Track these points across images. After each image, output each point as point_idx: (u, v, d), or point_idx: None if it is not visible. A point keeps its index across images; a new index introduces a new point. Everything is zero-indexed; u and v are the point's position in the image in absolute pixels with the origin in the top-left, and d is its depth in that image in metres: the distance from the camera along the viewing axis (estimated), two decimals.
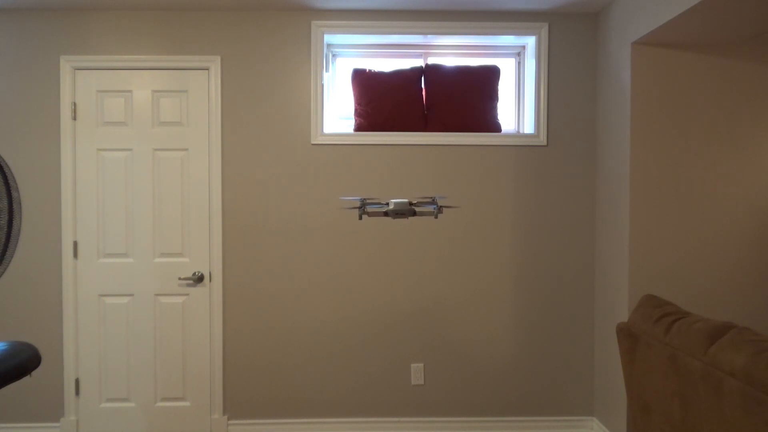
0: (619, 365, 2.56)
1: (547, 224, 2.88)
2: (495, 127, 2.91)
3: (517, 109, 3.05)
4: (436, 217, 1.64)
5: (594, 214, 2.89)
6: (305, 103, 2.82)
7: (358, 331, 2.85)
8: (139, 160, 2.81)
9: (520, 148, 2.86)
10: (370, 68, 2.90)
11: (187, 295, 2.82)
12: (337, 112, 3.05)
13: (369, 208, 1.68)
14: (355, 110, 2.92)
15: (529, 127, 2.95)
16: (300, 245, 2.84)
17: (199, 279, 2.80)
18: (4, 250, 2.67)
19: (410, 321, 2.85)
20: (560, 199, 2.87)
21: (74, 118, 2.78)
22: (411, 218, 1.71)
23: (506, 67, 3.03)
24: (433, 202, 1.69)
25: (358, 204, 1.66)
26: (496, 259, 2.86)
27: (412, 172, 2.85)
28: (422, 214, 1.68)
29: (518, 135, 2.91)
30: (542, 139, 2.86)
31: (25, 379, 2.76)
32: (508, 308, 2.86)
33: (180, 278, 2.80)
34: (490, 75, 2.90)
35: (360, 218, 1.75)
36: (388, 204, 1.65)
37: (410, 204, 1.63)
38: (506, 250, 2.85)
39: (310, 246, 2.84)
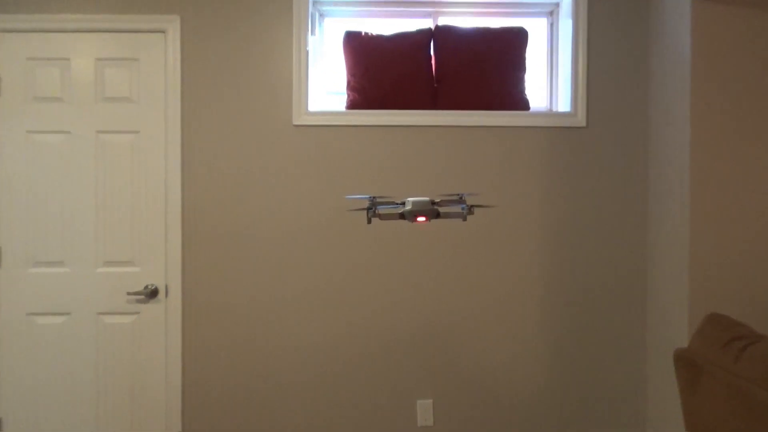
0: (678, 400, 2.56)
1: (585, 223, 2.89)
2: (521, 104, 2.92)
3: (549, 82, 3.05)
4: (464, 219, 1.62)
5: (646, 212, 2.90)
6: (285, 75, 2.82)
7: (350, 357, 2.86)
8: (78, 145, 2.81)
9: (553, 130, 2.87)
10: (367, 31, 2.90)
11: (138, 313, 2.83)
12: (326, 86, 3.05)
13: (380, 210, 1.65)
14: (348, 83, 2.91)
15: (564, 104, 2.95)
16: (279, 251, 2.84)
17: (152, 293, 2.81)
18: None
19: (415, 344, 2.86)
20: (603, 193, 2.88)
21: None
22: (434, 220, 1.70)
23: (536, 28, 3.03)
24: (460, 200, 1.67)
25: (366, 204, 1.60)
26: (521, 267, 2.87)
27: (419, 159, 2.86)
28: (448, 216, 1.65)
29: (550, 114, 2.92)
30: (580, 119, 2.87)
31: None
32: (537, 328, 2.88)
33: (129, 293, 2.81)
34: (516, 39, 2.91)
35: (369, 222, 1.65)
36: (403, 203, 1.62)
37: (432, 203, 1.60)
38: (534, 256, 2.87)
39: (292, 251, 2.84)
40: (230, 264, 2.84)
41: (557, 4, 2.99)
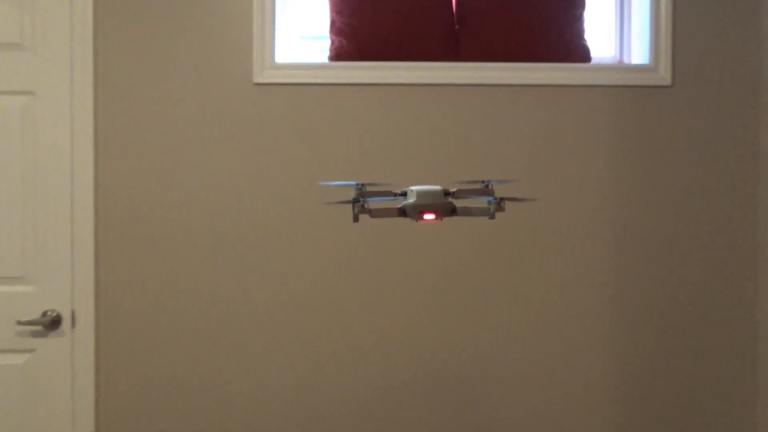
0: None
1: (670, 219, 2.73)
2: (578, 54, 2.76)
3: (618, 23, 2.89)
4: (492, 217, 1.58)
5: (755, 203, 2.74)
6: (244, 13, 2.68)
7: (332, 408, 2.70)
8: None
9: (624, 91, 2.70)
10: None
11: (33, 350, 2.68)
12: (300, 29, 2.94)
13: (372, 203, 1.57)
14: (332, 24, 2.81)
15: (640, 55, 2.79)
16: (233, 257, 2.70)
17: (53, 323, 2.65)
18: None
19: (426, 390, 2.72)
20: (694, 177, 2.73)
21: None
22: (448, 218, 1.61)
23: None
24: (487, 190, 1.58)
25: (351, 195, 1.56)
26: (578, 279, 2.72)
27: (429, 130, 2.72)
28: (468, 213, 1.57)
29: (620, 67, 2.82)
30: (663, 75, 2.70)
31: None
32: (602, 363, 2.72)
33: (20, 322, 2.64)
34: None
35: (355, 219, 1.55)
36: (405, 194, 1.55)
37: (446, 194, 1.54)
38: (596, 266, 2.72)
39: (251, 257, 2.70)
40: (164, 279, 2.70)
41: None
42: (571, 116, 2.72)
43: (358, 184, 1.54)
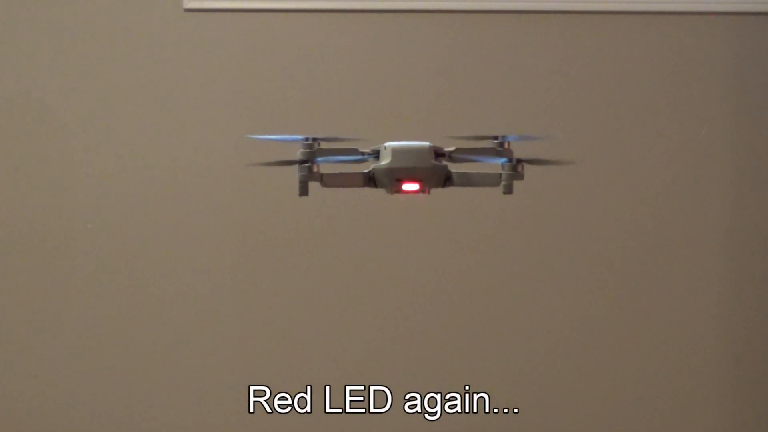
0: None
1: None
2: None
3: None
4: (507, 191, 1.14)
5: None
6: None
7: None
8: None
9: (744, 19, 2.52)
10: None
11: None
12: None
13: (323, 164, 1.34)
14: None
15: None
16: (153, 258, 2.41)
17: None
18: None
19: None
20: None
21: None
22: (441, 191, 1.19)
23: None
24: (500, 150, 1.32)
25: (297, 153, 1.21)
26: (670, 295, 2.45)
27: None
28: (469, 182, 1.30)
29: None
30: None
31: None
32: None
33: None
34: None
35: (303, 192, 1.26)
36: (376, 153, 1.33)
37: (438, 155, 1.30)
38: (699, 273, 2.48)
39: (176, 259, 2.41)
40: (49, 294, 2.36)
41: None
42: (658, 57, 2.34)
43: (306, 139, 1.30)
